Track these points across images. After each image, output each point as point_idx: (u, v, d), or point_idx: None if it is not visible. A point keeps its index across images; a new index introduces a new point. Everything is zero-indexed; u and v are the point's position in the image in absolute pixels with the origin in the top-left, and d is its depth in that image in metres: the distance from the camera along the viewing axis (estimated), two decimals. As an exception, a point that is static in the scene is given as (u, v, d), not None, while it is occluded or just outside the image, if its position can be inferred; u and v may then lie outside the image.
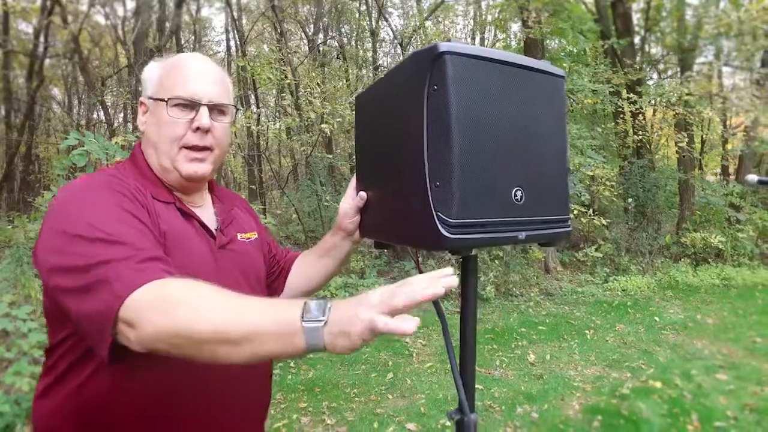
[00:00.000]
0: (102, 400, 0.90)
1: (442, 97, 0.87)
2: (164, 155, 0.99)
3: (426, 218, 0.88)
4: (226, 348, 0.69)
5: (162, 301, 0.73)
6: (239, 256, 1.08)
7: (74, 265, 0.80)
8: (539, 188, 0.98)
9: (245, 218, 1.18)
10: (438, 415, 3.25)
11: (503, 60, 0.95)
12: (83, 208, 0.86)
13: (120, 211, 0.86)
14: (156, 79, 1.02)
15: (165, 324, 0.71)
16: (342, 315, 0.66)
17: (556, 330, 5.32)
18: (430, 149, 0.88)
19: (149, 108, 1.03)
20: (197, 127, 0.98)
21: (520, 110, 0.97)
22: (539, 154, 1.00)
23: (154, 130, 1.00)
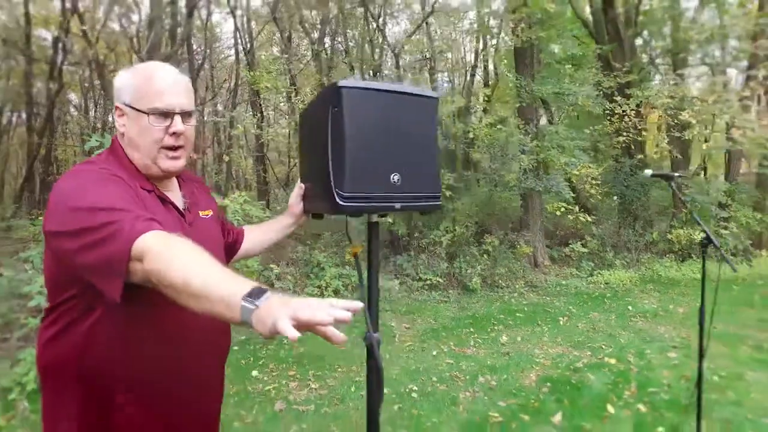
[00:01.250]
0: (96, 348, 1.09)
1: (339, 115, 1.35)
2: (146, 156, 1.19)
3: (330, 194, 1.36)
4: (188, 298, 0.87)
5: (163, 245, 0.93)
6: (203, 230, 1.31)
7: (86, 227, 0.97)
8: (413, 175, 1.45)
9: (203, 197, 1.42)
10: (407, 382, 3.72)
11: (387, 89, 1.43)
12: (93, 189, 1.05)
13: (119, 191, 1.08)
14: (132, 89, 1.19)
15: (163, 263, 0.90)
16: (269, 307, 0.76)
17: (533, 317, 5.75)
18: (332, 149, 1.36)
19: (127, 114, 1.20)
20: (173, 132, 1.19)
21: (399, 121, 1.44)
22: (413, 151, 1.46)
23: (136, 135, 1.19)
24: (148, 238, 0.94)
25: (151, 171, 1.22)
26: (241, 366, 4.08)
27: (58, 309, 1.14)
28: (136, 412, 1.12)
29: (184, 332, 1.17)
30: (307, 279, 6.22)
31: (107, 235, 0.96)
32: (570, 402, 3.36)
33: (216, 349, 1.30)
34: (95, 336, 1.09)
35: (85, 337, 1.10)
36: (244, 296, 0.80)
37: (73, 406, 1.12)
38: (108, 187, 1.07)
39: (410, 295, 6.65)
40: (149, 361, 1.12)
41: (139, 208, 1.06)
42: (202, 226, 1.32)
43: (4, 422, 3.01)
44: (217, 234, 1.43)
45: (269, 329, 0.74)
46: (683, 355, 4.42)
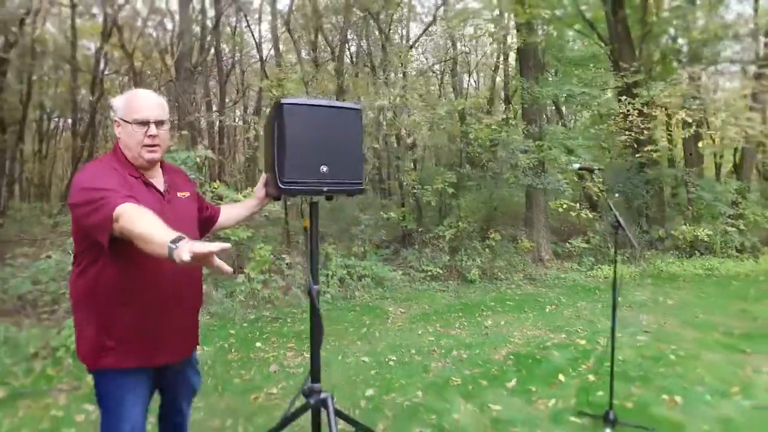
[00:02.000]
0: (103, 281, 1.66)
1: (281, 124, 1.90)
2: (134, 151, 1.75)
3: (276, 181, 1.91)
4: (143, 243, 1.39)
5: (132, 213, 1.46)
6: (179, 206, 1.86)
7: (88, 200, 1.55)
8: (339, 167, 1.98)
9: (182, 183, 1.96)
10: (388, 353, 4.23)
11: (318, 104, 1.97)
12: (97, 177, 1.64)
13: (111, 178, 1.64)
14: (123, 108, 1.76)
15: (130, 223, 1.43)
16: (182, 247, 1.28)
17: (521, 305, 6.15)
18: (277, 149, 1.91)
19: (120, 124, 1.76)
20: (150, 134, 1.73)
21: (329, 128, 1.97)
22: (340, 149, 1.99)
23: (126, 138, 1.75)
24: (123, 207, 1.49)
25: (138, 162, 1.77)
26: (248, 338, 4.68)
27: (79, 257, 1.73)
28: (131, 320, 1.70)
29: (160, 267, 1.68)
30: (314, 268, 6.78)
31: (99, 206, 1.52)
32: (527, 372, 3.80)
33: (188, 278, 1.84)
34: (102, 274, 1.68)
35: (96, 275, 1.68)
36: (170, 241, 1.31)
37: (92, 317, 1.71)
38: (105, 175, 1.66)
39: (412, 284, 7.14)
40: (135, 287, 1.69)
41: (124, 189, 1.61)
42: (178, 203, 1.88)
43: (54, 373, 3.69)
44: (192, 209, 1.98)
45: (179, 258, 1.26)
46: (653, 338, 4.75)
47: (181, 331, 1.86)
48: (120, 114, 1.77)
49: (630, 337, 4.78)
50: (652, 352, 4.31)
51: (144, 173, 1.80)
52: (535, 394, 3.37)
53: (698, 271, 8.33)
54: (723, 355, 4.24)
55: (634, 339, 4.72)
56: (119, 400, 1.74)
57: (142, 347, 1.73)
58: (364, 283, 6.79)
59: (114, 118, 1.81)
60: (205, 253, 1.27)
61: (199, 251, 1.26)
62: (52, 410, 3.10)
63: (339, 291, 6.50)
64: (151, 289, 1.71)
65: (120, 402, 1.74)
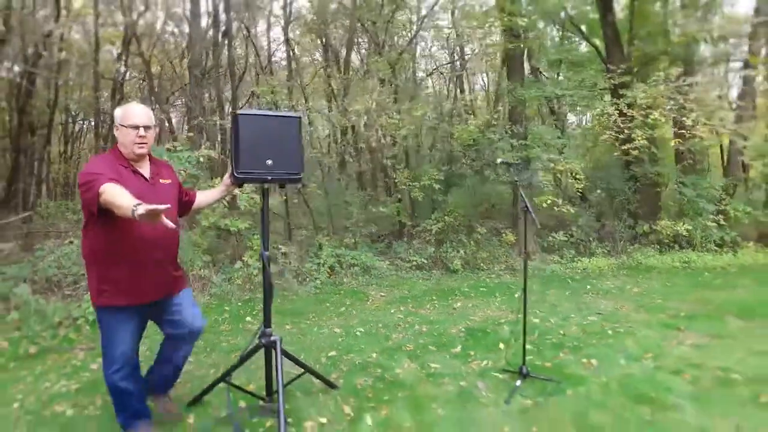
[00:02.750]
0: (100, 241, 2.35)
1: (237, 129, 2.54)
2: (129, 146, 2.42)
3: (233, 172, 2.55)
4: (117, 209, 2.03)
5: (110, 189, 2.11)
6: (161, 189, 2.53)
7: (84, 181, 2.21)
8: (281, 161, 2.62)
9: (166, 172, 2.65)
10: (359, 326, 4.85)
11: (266, 114, 2.61)
12: (93, 166, 2.31)
13: (104, 166, 2.30)
14: (121, 116, 2.43)
15: (111, 196, 2.08)
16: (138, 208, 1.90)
17: (494, 291, 6.70)
18: (234, 147, 2.55)
19: (119, 128, 2.44)
20: (139, 135, 2.42)
21: (273, 131, 2.61)
22: (282, 147, 2.63)
23: (122, 138, 2.43)
24: (105, 185, 2.15)
25: (130, 156, 2.46)
26: (239, 314, 5.35)
27: (85, 226, 2.42)
28: (118, 270, 2.38)
29: (137, 231, 2.35)
30: (307, 256, 7.44)
31: (91, 186, 2.19)
32: (473, 341, 4.38)
33: (162, 240, 2.48)
34: (98, 237, 2.37)
35: (94, 237, 2.39)
36: (133, 205, 1.93)
37: (93, 269, 2.40)
38: (99, 164, 2.35)
39: (398, 273, 7.74)
40: (120, 246, 2.36)
41: (111, 174, 2.26)
42: (160, 187, 2.56)
43: (74, 337, 4.41)
44: (172, 192, 2.65)
45: (137, 214, 1.88)
46: (602, 319, 5.25)
47: (159, 277, 2.51)
48: (119, 120, 2.47)
49: (581, 318, 5.28)
50: (595, 329, 4.82)
51: (133, 164, 2.48)
52: (472, 357, 3.95)
53: (675, 264, 8.73)
54: (658, 332, 4.73)
55: (585, 319, 5.22)
56: (113, 329, 2.43)
57: (128, 290, 2.40)
58: (352, 271, 7.42)
59: (116, 124, 2.51)
60: (152, 210, 1.89)
61: (148, 209, 1.90)
62: (73, 361, 3.81)
63: (329, 278, 7.13)
64: (131, 246, 2.38)
65: (114, 330, 2.42)
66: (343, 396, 3.14)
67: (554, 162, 8.78)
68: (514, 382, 3.35)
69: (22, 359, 3.86)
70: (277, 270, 6.92)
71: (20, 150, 13.09)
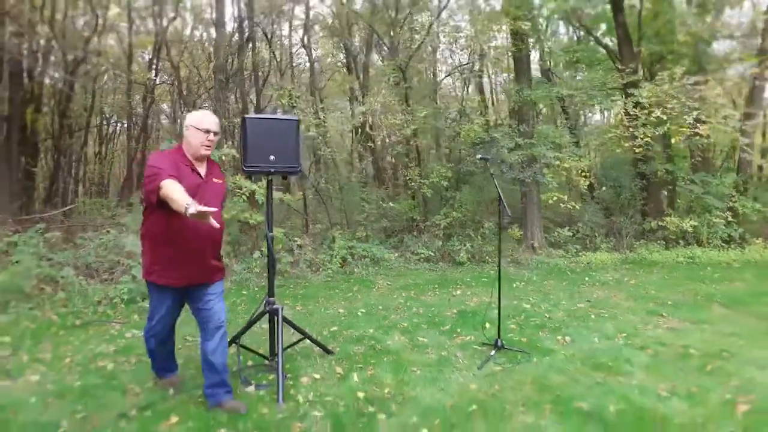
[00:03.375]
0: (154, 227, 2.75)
1: (245, 130, 3.08)
2: (195, 148, 2.77)
3: (243, 165, 3.09)
4: (172, 203, 2.44)
5: (169, 185, 2.51)
6: (212, 187, 2.84)
7: (149, 173, 2.62)
8: (281, 156, 3.14)
9: (217, 174, 2.93)
10: (361, 308, 5.34)
11: (269, 118, 3.15)
12: (157, 161, 2.68)
13: (166, 162, 2.67)
14: (196, 120, 2.77)
15: (168, 191, 2.48)
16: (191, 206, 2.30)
17: (494, 281, 7.08)
18: (243, 145, 3.09)
19: (191, 129, 2.77)
20: (208, 139, 2.78)
21: (275, 131, 3.14)
22: (283, 145, 3.15)
23: (193, 139, 2.76)
24: (165, 181, 2.53)
25: (195, 155, 2.81)
26: (256, 298, 5.91)
27: (144, 212, 2.82)
28: (166, 254, 2.75)
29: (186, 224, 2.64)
30: (320, 248, 7.98)
31: (153, 179, 2.59)
32: (463, 321, 4.82)
33: (207, 233, 2.75)
34: (153, 223, 2.76)
35: (150, 224, 2.78)
36: (186, 204, 2.33)
37: (148, 248, 2.84)
38: (163, 159, 2.69)
39: (406, 265, 8.21)
40: (170, 234, 2.71)
41: (172, 170, 2.61)
42: (212, 185, 2.87)
43: (111, 313, 5.04)
44: (220, 190, 2.97)
45: (188, 212, 2.30)
46: (590, 305, 5.60)
47: (200, 264, 2.82)
48: (193, 123, 2.82)
49: (571, 305, 5.63)
50: (580, 314, 5.19)
51: (193, 162, 2.83)
52: (458, 334, 4.40)
53: (679, 259, 8.92)
54: (639, 317, 5.06)
55: (573, 306, 5.58)
56: (155, 302, 2.91)
57: (171, 272, 2.78)
58: (363, 262, 7.93)
59: (188, 125, 2.86)
60: (201, 211, 2.28)
61: (199, 209, 2.28)
62: (111, 331, 4.43)
63: (340, 268, 7.66)
64: (180, 235, 2.72)
65: (156, 304, 2.91)
66: (337, 360, 3.64)
67: (560, 160, 9.10)
68: (489, 353, 3.79)
69: (69, 329, 4.49)
70: (293, 260, 7.48)
71: (61, 151, 14.04)
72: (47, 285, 5.67)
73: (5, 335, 4.20)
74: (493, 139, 8.47)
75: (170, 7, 14.33)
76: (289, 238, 7.89)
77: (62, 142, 13.85)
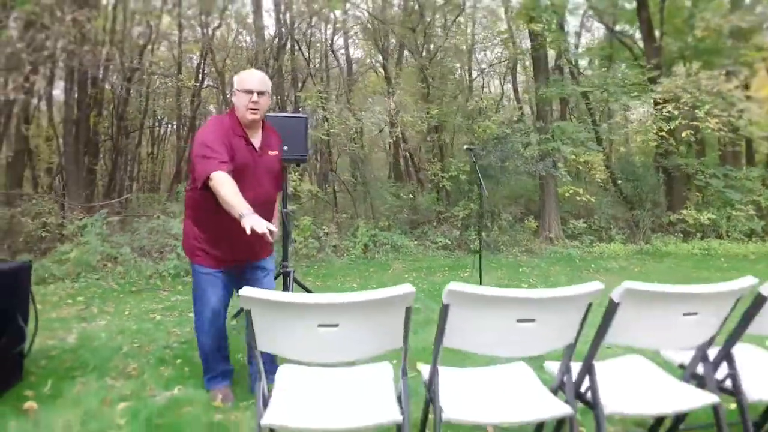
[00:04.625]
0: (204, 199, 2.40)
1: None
2: (242, 112, 2.46)
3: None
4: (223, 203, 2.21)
5: (221, 179, 2.22)
6: (267, 160, 2.59)
7: (202, 153, 2.31)
8: (292, 146, 3.86)
9: (275, 144, 2.67)
10: (374, 284, 6.02)
11: (283, 116, 3.89)
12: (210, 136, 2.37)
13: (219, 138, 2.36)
14: (238, 82, 2.51)
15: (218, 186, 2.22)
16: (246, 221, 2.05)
17: (500, 267, 7.60)
18: (261, 137, 3.84)
19: (236, 93, 2.49)
20: (252, 100, 2.44)
21: (288, 126, 3.87)
22: (293, 138, 3.87)
23: (237, 102, 2.47)
24: (216, 173, 2.25)
25: (244, 121, 2.50)
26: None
27: (192, 185, 2.54)
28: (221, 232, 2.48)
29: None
30: (345, 235, 8.72)
31: (205, 163, 2.31)
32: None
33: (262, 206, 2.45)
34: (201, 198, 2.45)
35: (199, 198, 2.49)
36: (241, 213, 2.10)
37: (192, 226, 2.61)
38: (217, 138, 2.38)
39: (424, 252, 8.82)
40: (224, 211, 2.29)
41: (226, 153, 2.34)
42: (267, 158, 2.61)
43: (160, 283, 5.95)
44: (277, 164, 2.73)
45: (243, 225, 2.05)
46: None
47: (248, 246, 2.50)
48: (235, 86, 2.56)
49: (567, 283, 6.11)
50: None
51: (247, 132, 2.52)
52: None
53: (694, 251, 9.07)
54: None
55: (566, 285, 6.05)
56: (204, 289, 2.60)
57: (220, 253, 2.56)
58: (384, 249, 8.60)
59: (234, 90, 2.60)
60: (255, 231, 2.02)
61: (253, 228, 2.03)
62: (159, 296, 5.31)
63: (363, 253, 8.36)
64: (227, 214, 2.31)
65: (204, 290, 2.60)
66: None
67: (576, 154, 9.46)
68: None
69: (127, 294, 5.41)
70: (319, 246, 8.25)
71: (118, 151, 15.46)
72: (109, 261, 6.68)
73: (79, 296, 5.16)
74: (506, 135, 8.95)
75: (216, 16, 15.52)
76: (317, 227, 8.66)
77: (119, 142, 15.27)
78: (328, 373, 2.03)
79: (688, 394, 1.85)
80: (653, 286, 1.74)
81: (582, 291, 1.72)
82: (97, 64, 9.01)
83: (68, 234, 7.19)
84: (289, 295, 1.64)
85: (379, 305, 1.62)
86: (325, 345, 1.62)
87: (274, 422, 1.58)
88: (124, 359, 3.24)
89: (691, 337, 1.81)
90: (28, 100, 10.10)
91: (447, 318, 1.66)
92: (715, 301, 1.77)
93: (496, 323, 1.67)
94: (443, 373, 1.98)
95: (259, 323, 1.57)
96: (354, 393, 1.85)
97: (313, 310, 1.58)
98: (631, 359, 2.18)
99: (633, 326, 1.78)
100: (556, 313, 1.73)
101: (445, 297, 1.63)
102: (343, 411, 1.71)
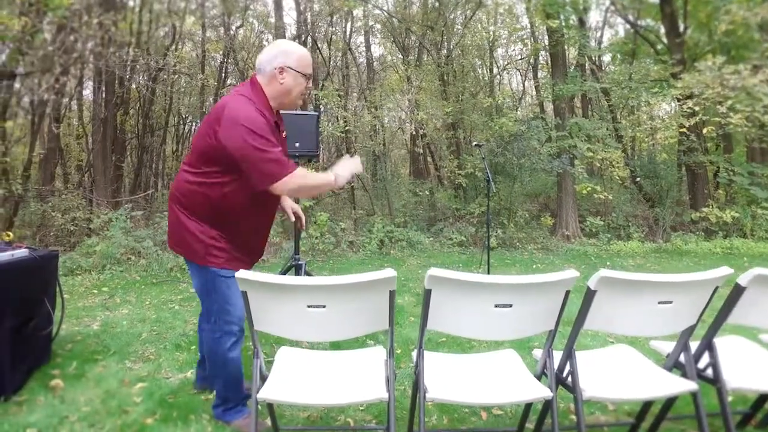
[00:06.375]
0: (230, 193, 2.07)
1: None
2: (293, 96, 2.15)
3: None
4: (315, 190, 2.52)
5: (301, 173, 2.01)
6: (283, 142, 2.30)
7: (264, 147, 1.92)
8: (304, 143, 4.01)
9: (282, 126, 2.35)
10: (385, 278, 6.13)
11: (296, 113, 4.03)
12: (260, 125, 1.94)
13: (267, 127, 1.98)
14: (296, 59, 2.09)
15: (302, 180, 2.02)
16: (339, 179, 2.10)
17: (516, 263, 7.63)
18: (273, 135, 4.00)
19: (289, 73, 2.07)
20: (307, 87, 2.19)
21: (299, 123, 4.02)
22: (305, 134, 4.01)
23: (293, 86, 2.11)
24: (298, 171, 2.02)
25: (285, 106, 2.23)
26: (298, 268, 6.88)
27: (203, 169, 2.06)
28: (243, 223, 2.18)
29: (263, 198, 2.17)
30: (361, 231, 8.86)
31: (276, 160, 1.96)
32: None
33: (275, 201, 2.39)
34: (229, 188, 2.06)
35: (223, 187, 2.05)
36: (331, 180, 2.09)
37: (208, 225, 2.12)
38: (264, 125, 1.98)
39: (440, 249, 8.89)
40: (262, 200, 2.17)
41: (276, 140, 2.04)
42: (282, 137, 2.30)
43: (180, 275, 6.19)
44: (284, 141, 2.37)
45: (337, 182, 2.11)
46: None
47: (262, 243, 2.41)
48: (294, 65, 2.09)
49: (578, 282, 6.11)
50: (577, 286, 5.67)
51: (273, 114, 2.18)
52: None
53: (716, 250, 8.90)
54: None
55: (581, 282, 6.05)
56: (227, 297, 2.15)
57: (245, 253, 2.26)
58: (400, 245, 8.71)
59: (284, 66, 2.08)
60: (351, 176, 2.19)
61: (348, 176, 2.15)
62: (180, 287, 5.54)
63: (378, 249, 8.49)
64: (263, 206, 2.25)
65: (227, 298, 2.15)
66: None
67: (593, 151, 9.39)
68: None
69: (149, 285, 5.66)
70: (335, 241, 8.41)
71: (144, 148, 15.95)
72: (132, 254, 6.97)
73: (104, 287, 5.43)
74: (522, 132, 8.94)
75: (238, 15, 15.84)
76: (334, 223, 8.83)
77: (145, 140, 15.75)
78: (325, 355, 2.16)
79: (668, 382, 1.91)
80: (627, 275, 1.81)
81: (557, 278, 1.81)
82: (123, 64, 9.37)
83: (95, 228, 7.53)
84: (281, 277, 1.77)
85: (363, 288, 1.74)
86: (314, 324, 1.74)
87: (269, 397, 1.71)
88: (143, 345, 3.44)
89: (666, 325, 1.88)
90: (59, 100, 10.54)
91: (429, 302, 1.76)
92: (690, 291, 1.83)
93: (475, 308, 1.77)
94: (434, 358, 2.09)
95: (254, 304, 1.71)
96: (347, 374, 1.97)
97: (302, 291, 1.71)
98: (618, 349, 2.25)
99: (610, 313, 1.85)
100: (533, 299, 1.81)
101: (426, 282, 1.74)
102: (334, 389, 1.84)
